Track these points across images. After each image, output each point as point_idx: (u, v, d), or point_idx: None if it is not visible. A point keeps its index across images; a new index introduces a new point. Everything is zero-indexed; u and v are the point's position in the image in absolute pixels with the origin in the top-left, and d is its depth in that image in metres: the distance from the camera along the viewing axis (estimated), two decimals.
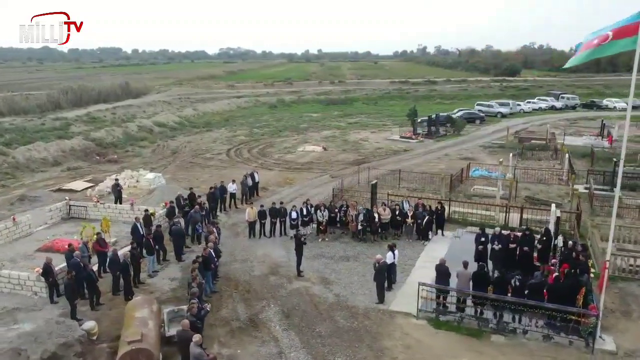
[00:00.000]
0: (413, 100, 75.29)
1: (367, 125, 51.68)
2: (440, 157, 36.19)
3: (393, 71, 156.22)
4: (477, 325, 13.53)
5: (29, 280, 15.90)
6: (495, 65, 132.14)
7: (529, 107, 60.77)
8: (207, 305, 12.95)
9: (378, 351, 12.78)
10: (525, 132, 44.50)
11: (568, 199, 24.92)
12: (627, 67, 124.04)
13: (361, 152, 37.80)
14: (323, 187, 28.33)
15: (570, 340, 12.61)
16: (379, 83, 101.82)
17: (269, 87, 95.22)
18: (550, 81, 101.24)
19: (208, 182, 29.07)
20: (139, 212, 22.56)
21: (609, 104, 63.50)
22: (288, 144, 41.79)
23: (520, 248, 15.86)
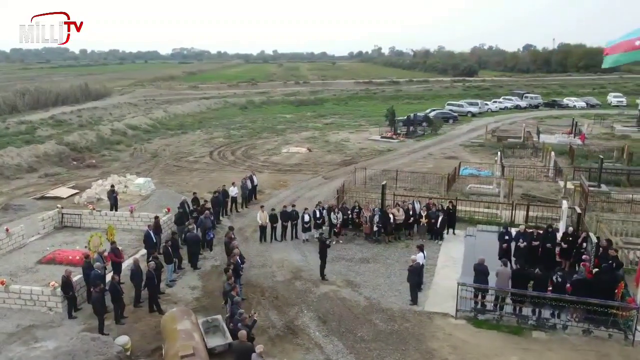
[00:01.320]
0: (382, 100, 76.20)
1: (344, 125, 51.77)
2: (425, 157, 36.68)
3: (353, 72, 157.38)
4: (516, 323, 13.74)
5: (43, 295, 14.96)
6: (454, 66, 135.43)
7: (496, 107, 62.59)
8: (254, 314, 12.54)
9: (426, 353, 12.76)
10: (499, 131, 45.76)
11: (561, 195, 25.81)
12: (575, 67, 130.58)
13: (346, 153, 37.81)
14: (318, 189, 28.16)
15: (609, 333, 12.98)
16: (343, 83, 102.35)
17: (234, 87, 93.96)
18: (507, 81, 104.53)
19: (199, 186, 28.45)
20: (139, 219, 21.82)
21: (569, 103, 66.30)
22: (270, 145, 41.29)
23: (543, 245, 16.21)
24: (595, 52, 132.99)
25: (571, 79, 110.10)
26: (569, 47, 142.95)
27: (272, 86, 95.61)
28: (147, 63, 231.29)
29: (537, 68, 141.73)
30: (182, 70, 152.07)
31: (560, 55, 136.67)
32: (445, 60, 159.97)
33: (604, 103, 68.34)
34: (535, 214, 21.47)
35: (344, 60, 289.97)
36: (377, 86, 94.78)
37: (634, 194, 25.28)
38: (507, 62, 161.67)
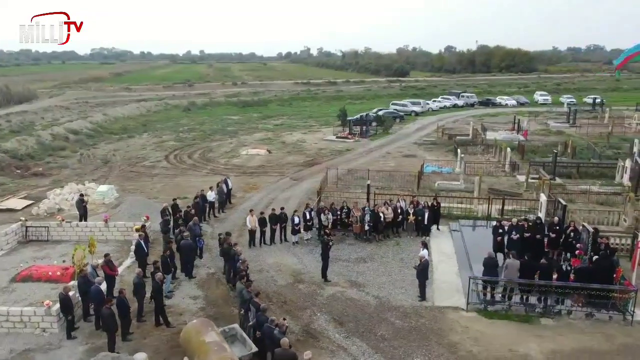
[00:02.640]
0: (324, 101, 76.97)
1: (295, 126, 51.69)
2: (384, 156, 37.43)
3: (287, 72, 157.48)
4: (524, 312, 14.42)
5: (35, 316, 13.79)
6: (386, 67, 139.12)
7: (436, 106, 65.07)
8: (285, 320, 12.25)
9: (450, 347, 13.08)
10: (449, 129, 47.56)
11: (522, 189, 27.34)
12: (498, 68, 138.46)
13: (307, 154, 37.81)
14: (291, 191, 27.96)
15: (610, 315, 13.97)
16: (282, 84, 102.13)
17: (169, 89, 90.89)
18: (439, 81, 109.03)
19: (164, 192, 27.43)
20: (115, 228, 20.66)
21: (501, 102, 70.21)
22: (226, 148, 40.42)
23: (533, 236, 17.10)
24: (515, 53, 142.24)
25: (496, 79, 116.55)
26: (491, 48, 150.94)
27: (210, 87, 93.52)
28: (65, 64, 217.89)
29: (462, 68, 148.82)
30: (109, 72, 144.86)
31: (484, 56, 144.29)
32: (375, 61, 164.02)
33: (532, 101, 72.97)
34: (510, 207, 22.58)
35: (274, 60, 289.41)
36: (317, 87, 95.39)
37: (584, 185, 27.37)
38: (433, 63, 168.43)
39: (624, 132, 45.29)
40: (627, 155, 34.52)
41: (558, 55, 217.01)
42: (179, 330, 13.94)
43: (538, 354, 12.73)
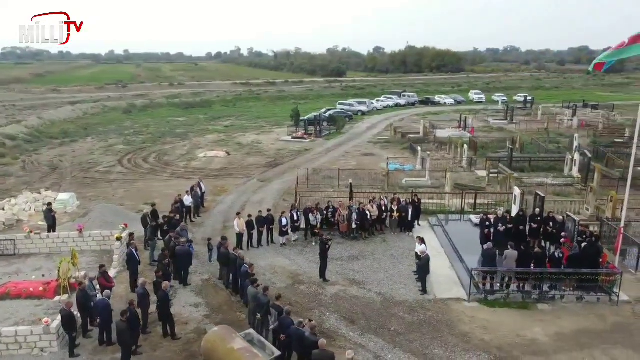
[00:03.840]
0: (269, 101, 76.54)
1: (246, 127, 51.09)
2: (344, 155, 37.89)
3: (221, 73, 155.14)
4: (521, 299, 15.24)
5: (32, 335, 12.81)
6: (322, 67, 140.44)
7: (380, 105, 66.68)
8: (311, 322, 12.18)
9: (463, 336, 13.59)
10: (401, 128, 48.87)
11: (484, 183, 28.71)
12: (430, 68, 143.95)
13: (267, 155, 37.53)
14: (262, 192, 27.68)
15: (598, 297, 15.09)
16: (220, 85, 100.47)
17: (102, 90, 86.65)
18: (376, 81, 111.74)
19: (128, 198, 26.38)
20: (90, 238, 19.57)
21: (440, 100, 73.14)
22: (180, 150, 39.26)
23: (517, 227, 18.08)
24: (444, 54, 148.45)
25: (429, 79, 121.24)
26: (421, 49, 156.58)
27: (146, 88, 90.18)
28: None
29: (395, 69, 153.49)
30: (29, 72, 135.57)
31: (415, 57, 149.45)
32: (310, 62, 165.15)
33: (468, 99, 76.59)
34: (479, 201, 23.67)
35: (204, 60, 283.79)
36: (258, 87, 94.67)
37: (538, 178, 29.19)
38: (366, 64, 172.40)
39: (558, 128, 48.67)
40: (568, 149, 37.31)
41: (480, 56, 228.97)
42: (189, 340, 13.59)
43: (544, 337, 13.52)
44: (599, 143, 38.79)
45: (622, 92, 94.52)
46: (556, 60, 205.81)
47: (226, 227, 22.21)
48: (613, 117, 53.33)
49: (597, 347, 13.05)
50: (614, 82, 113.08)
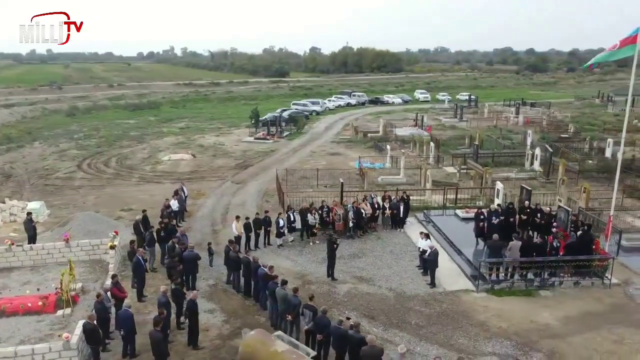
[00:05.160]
0: (218, 102, 75.23)
1: (202, 129, 50.01)
2: (311, 155, 38.05)
3: (158, 73, 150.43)
4: (524, 287, 16.11)
5: (50, 353, 12.03)
6: (265, 67, 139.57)
7: (332, 105, 67.36)
8: (350, 320, 12.29)
9: (481, 325, 14.18)
10: (362, 127, 49.56)
11: (455, 179, 29.85)
12: (370, 68, 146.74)
13: (234, 156, 36.99)
14: (241, 194, 27.32)
15: (592, 282, 16.24)
16: (162, 85, 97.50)
17: (35, 92, 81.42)
18: (321, 81, 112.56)
19: (101, 205, 25.34)
20: (78, 248, 18.59)
21: (389, 100, 74.93)
22: (141, 154, 37.87)
23: (507, 219, 19.03)
24: (384, 54, 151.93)
25: (372, 79, 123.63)
26: (362, 50, 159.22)
27: (84, 90, 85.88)
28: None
29: (335, 69, 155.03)
30: None
31: (356, 57, 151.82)
32: (251, 62, 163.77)
33: (414, 99, 78.95)
34: (461, 196, 24.67)
35: (135, 60, 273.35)
36: (203, 88, 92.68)
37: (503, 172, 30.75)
38: (306, 64, 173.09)
39: (506, 125, 51.33)
40: (522, 145, 39.53)
41: (414, 57, 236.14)
42: (215, 346, 13.34)
43: (554, 321, 14.39)
44: (547, 139, 41.30)
45: (551, 90, 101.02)
46: (485, 60, 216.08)
47: (215, 231, 21.83)
48: (552, 114, 56.89)
49: (603, 327, 14.06)
50: (542, 81, 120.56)
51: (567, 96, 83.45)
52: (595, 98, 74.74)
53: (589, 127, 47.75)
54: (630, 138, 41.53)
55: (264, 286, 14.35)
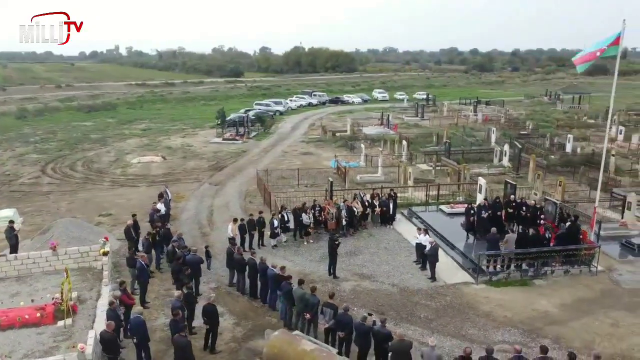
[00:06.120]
0: (176, 102, 73.59)
1: (166, 130, 48.83)
2: (283, 155, 37.97)
3: (105, 73, 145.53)
4: (519, 277, 16.82)
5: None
6: (219, 67, 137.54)
7: (294, 105, 67.34)
8: (372, 316, 12.44)
9: (487, 315, 14.71)
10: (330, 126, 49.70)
11: (430, 176, 30.63)
12: (325, 68, 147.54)
13: (205, 158, 36.38)
14: (222, 196, 26.97)
15: (580, 270, 17.16)
16: (114, 86, 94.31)
17: None
18: (278, 81, 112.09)
19: (77, 211, 24.51)
20: (66, 256, 17.82)
21: (349, 100, 75.68)
22: (107, 157, 36.59)
23: (494, 212, 19.78)
24: (338, 54, 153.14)
25: (326, 78, 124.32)
26: (316, 49, 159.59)
27: (31, 91, 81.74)
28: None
29: (289, 69, 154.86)
30: None
31: (310, 57, 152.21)
32: (204, 62, 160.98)
33: (372, 98, 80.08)
34: (443, 192, 25.37)
35: (78, 60, 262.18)
36: (158, 88, 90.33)
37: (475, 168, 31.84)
38: (259, 64, 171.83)
39: (466, 123, 53.03)
40: (485, 142, 41.02)
41: (364, 56, 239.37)
42: (231, 349, 13.21)
43: (553, 308, 15.13)
44: (508, 136, 43.02)
45: (499, 89, 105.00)
46: (433, 60, 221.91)
47: (204, 234, 21.48)
48: (508, 112, 59.26)
49: (598, 312, 14.92)
50: (491, 80, 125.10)
51: (516, 94, 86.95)
52: (543, 96, 78.38)
53: (543, 124, 50.04)
54: (583, 134, 44.21)
55: (277, 287, 14.28)
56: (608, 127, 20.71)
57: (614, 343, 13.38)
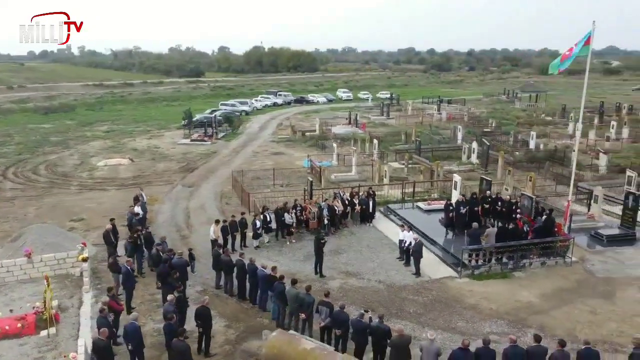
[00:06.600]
0: (138, 103, 71.88)
1: (129, 132, 47.59)
2: (254, 155, 37.73)
3: (59, 74, 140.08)
4: (500, 270, 17.36)
5: None
6: (178, 67, 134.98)
7: (260, 105, 66.93)
8: (369, 312, 12.56)
9: (473, 308, 15.11)
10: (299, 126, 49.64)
11: (402, 174, 31.10)
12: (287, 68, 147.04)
13: (175, 159, 35.69)
14: (196, 198, 26.58)
15: (556, 261, 17.87)
16: (70, 87, 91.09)
17: None
18: (241, 81, 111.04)
19: (46, 216, 23.80)
20: (42, 263, 17.16)
21: (314, 99, 75.82)
22: (71, 160, 35.38)
23: (472, 208, 20.31)
24: (300, 54, 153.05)
25: (289, 78, 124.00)
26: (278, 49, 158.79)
27: None
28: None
29: (250, 68, 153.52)
30: None
31: (272, 57, 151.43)
32: (161, 61, 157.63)
33: (337, 98, 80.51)
34: (417, 189, 25.84)
35: (26, 60, 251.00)
36: (117, 89, 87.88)
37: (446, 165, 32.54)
38: (220, 64, 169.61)
39: (431, 121, 54.10)
40: (451, 140, 42.00)
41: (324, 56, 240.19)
42: (227, 352, 13.10)
43: (534, 298, 15.70)
44: (472, 133, 44.19)
45: (458, 88, 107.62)
46: (392, 60, 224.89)
47: (183, 237, 21.14)
48: (470, 110, 60.84)
49: (577, 301, 15.57)
50: (450, 79, 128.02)
51: (476, 93, 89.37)
52: (501, 95, 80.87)
53: (505, 122, 51.66)
54: (542, 131, 45.87)
55: (269, 288, 14.23)
56: (580, 124, 21.59)
57: (594, 329, 14.00)
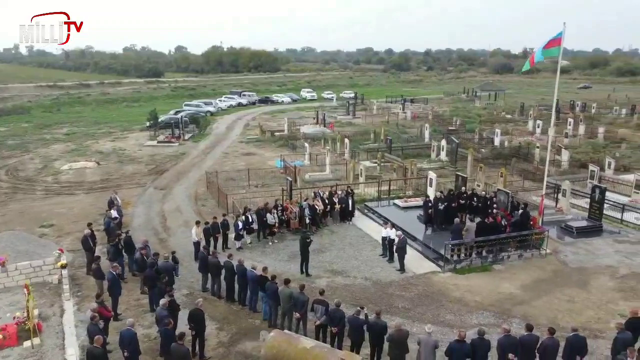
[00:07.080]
0: (97, 104, 69.77)
1: (92, 134, 46.17)
2: (225, 156, 37.36)
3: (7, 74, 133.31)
4: (480, 263, 17.88)
5: None
6: (136, 67, 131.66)
7: (225, 105, 66.20)
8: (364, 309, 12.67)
9: (459, 301, 15.51)
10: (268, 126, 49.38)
11: (375, 172, 31.49)
12: (247, 68, 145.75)
13: (143, 162, 34.87)
14: (170, 201, 26.09)
15: (532, 253, 18.56)
16: (20, 88, 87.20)
17: None
18: (203, 82, 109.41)
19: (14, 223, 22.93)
20: (17, 271, 16.55)
21: (278, 99, 75.62)
22: (32, 164, 34.05)
23: (450, 204, 20.81)
24: (261, 54, 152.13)
25: (251, 78, 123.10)
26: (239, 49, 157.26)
27: None
28: None
29: (211, 68, 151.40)
30: None
31: (233, 57, 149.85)
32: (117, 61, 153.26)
33: (301, 98, 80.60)
34: (392, 187, 26.24)
35: None
36: (73, 90, 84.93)
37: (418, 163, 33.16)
38: (178, 63, 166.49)
39: (396, 120, 54.94)
40: (418, 138, 42.84)
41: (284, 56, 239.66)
42: (221, 355, 13.00)
43: (515, 289, 16.26)
44: (438, 131, 45.19)
45: (418, 87, 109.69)
46: (351, 60, 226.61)
47: (162, 240, 20.74)
48: (433, 109, 62.12)
49: (555, 290, 16.24)
50: (409, 79, 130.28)
51: (436, 92, 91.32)
52: (461, 94, 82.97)
53: (468, 120, 53.04)
54: (504, 128, 47.37)
55: (261, 288, 14.18)
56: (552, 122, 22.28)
57: (574, 317, 14.64)
